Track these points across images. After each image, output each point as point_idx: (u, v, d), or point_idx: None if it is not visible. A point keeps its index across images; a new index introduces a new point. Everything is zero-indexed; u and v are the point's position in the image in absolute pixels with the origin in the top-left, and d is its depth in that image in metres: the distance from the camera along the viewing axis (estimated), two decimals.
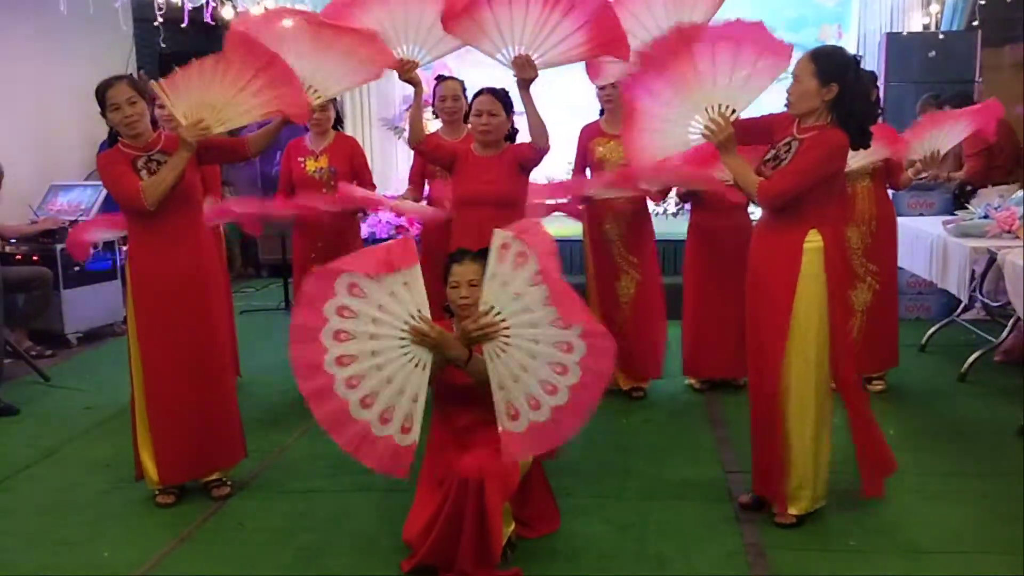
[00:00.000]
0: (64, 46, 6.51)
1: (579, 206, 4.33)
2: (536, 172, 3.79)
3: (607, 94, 4.14)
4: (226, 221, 4.55)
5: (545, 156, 3.60)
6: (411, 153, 4.28)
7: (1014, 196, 4.75)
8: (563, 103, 5.51)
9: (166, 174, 3.09)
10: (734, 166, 2.94)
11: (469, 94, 3.97)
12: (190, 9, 5.96)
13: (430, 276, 2.79)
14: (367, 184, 4.47)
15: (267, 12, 3.86)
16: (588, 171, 4.33)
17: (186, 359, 3.22)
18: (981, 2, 6.46)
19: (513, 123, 3.71)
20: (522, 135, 3.68)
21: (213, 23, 6.30)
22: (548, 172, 5.67)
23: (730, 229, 4.25)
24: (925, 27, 7.18)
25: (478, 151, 3.64)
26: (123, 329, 5.46)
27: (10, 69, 6.21)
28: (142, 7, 5.95)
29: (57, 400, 4.70)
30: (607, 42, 3.22)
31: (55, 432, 4.15)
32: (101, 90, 3.14)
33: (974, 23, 6.66)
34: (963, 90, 5.82)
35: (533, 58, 3.32)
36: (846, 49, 3.13)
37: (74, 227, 4.82)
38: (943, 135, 4.04)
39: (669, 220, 6.82)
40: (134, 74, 6.20)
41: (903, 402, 4.32)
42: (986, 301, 4.70)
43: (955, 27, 7.04)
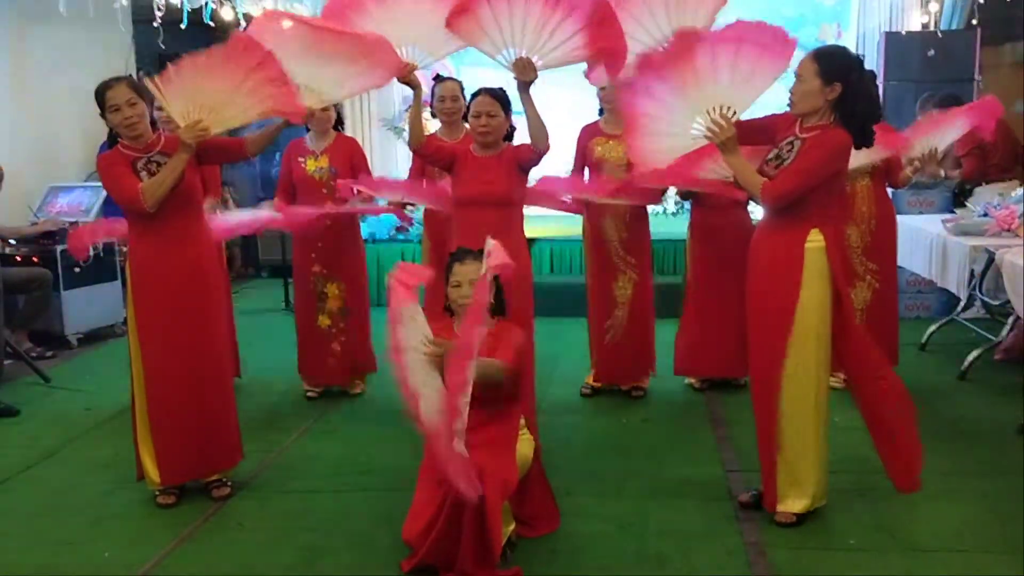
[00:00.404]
0: (64, 47, 6.51)
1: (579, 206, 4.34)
2: (536, 172, 3.80)
3: (607, 95, 4.14)
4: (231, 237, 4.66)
5: (544, 157, 3.60)
6: (411, 153, 4.28)
7: (1013, 195, 4.76)
8: (563, 103, 5.50)
9: (166, 175, 3.09)
10: (737, 166, 2.94)
11: (468, 94, 3.96)
12: (190, 10, 5.95)
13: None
14: None
15: (268, 13, 3.86)
16: (587, 171, 4.34)
17: (186, 359, 3.22)
18: (980, 1, 6.46)
19: (511, 122, 3.71)
20: (521, 134, 3.68)
21: (213, 24, 6.30)
22: (548, 172, 5.66)
23: (731, 227, 4.25)
24: (924, 26, 7.17)
25: (477, 151, 3.64)
26: (123, 330, 5.49)
27: (10, 70, 6.21)
28: (142, 8, 5.94)
29: (57, 401, 4.70)
30: (605, 49, 3.22)
31: (55, 433, 4.15)
32: (101, 91, 3.14)
33: (973, 22, 6.65)
34: (955, 91, 5.81)
35: (533, 59, 3.32)
36: (849, 49, 3.13)
37: (75, 230, 4.82)
38: (941, 133, 4.04)
39: (668, 220, 6.83)
40: (133, 75, 6.20)
41: None
42: (986, 299, 4.70)
43: (954, 26, 7.03)
